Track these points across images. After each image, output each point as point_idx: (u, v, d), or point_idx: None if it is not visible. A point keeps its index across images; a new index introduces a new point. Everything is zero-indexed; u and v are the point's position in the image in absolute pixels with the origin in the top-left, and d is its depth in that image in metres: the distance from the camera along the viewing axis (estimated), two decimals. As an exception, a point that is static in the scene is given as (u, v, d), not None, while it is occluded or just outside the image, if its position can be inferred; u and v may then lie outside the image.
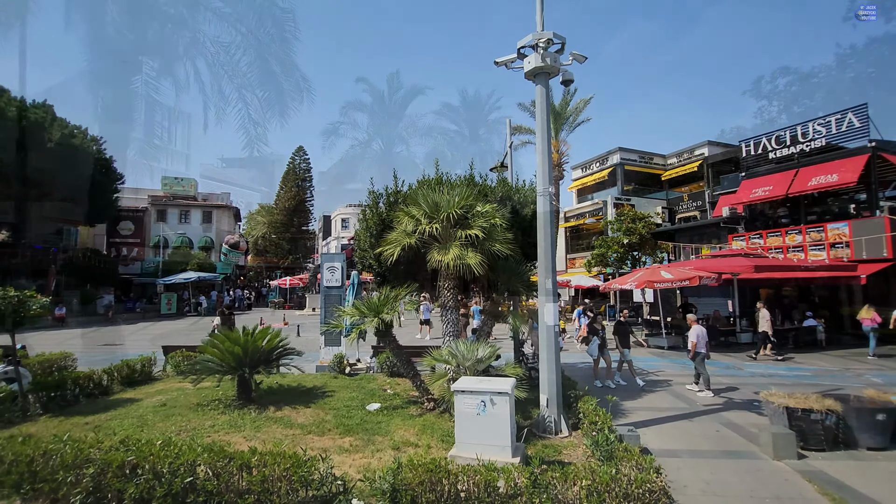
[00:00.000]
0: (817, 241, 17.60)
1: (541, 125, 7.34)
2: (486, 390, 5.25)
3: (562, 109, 24.07)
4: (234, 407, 7.80)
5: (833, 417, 6.18)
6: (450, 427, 6.50)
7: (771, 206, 21.54)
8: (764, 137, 20.92)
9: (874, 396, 6.56)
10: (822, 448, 6.10)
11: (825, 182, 17.45)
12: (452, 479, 3.85)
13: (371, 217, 10.06)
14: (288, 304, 37.33)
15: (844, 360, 13.14)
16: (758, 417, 7.56)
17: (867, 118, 17.28)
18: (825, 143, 18.66)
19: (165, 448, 4.31)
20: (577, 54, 7.31)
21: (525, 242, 9.54)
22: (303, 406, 7.92)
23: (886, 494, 4.89)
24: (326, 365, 11.22)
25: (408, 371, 8.17)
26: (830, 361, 13.04)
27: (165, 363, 11.36)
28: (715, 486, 5.14)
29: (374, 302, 8.17)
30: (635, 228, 24.57)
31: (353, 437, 6.43)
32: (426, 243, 8.13)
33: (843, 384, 9.93)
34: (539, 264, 7.21)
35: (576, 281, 27.16)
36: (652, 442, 6.51)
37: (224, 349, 8.12)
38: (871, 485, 5.12)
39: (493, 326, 8.94)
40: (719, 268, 15.46)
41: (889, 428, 6.19)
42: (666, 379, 10.94)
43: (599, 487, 3.71)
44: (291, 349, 9.31)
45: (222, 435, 6.47)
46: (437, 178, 9.87)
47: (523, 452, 5.44)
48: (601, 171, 34.61)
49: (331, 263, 12.10)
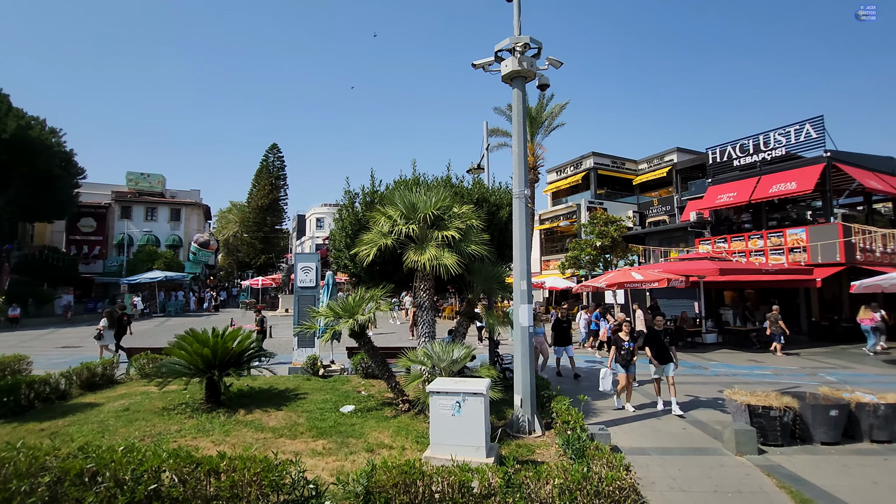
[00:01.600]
0: (777, 246, 18.43)
1: (517, 128, 7.43)
2: (461, 391, 5.27)
3: (537, 113, 24.41)
4: (203, 411, 7.57)
5: (791, 414, 6.48)
6: (425, 428, 6.49)
7: (735, 211, 22.44)
8: (729, 146, 21.78)
9: (828, 394, 6.92)
10: (780, 443, 6.39)
11: (785, 189, 18.30)
12: (427, 480, 3.85)
13: (347, 217, 9.95)
14: (260, 305, 36.50)
15: (800, 360, 13.80)
16: (722, 415, 7.85)
17: (823, 129, 18.23)
18: (785, 153, 19.57)
19: (128, 454, 4.13)
20: (554, 59, 7.44)
21: (501, 244, 9.63)
22: (274, 409, 7.75)
23: (837, 485, 5.16)
24: (299, 367, 11.02)
25: (383, 372, 8.11)
26: (788, 361, 13.66)
27: (129, 366, 10.91)
28: (681, 481, 5.31)
29: (349, 303, 8.08)
30: (607, 231, 25.16)
31: (327, 439, 6.33)
32: (402, 244, 8.11)
33: (799, 382, 10.42)
34: (514, 266, 7.29)
35: (550, 282, 27.56)
36: (622, 440, 6.67)
37: (192, 351, 7.87)
38: (824, 477, 5.40)
39: (468, 327, 8.98)
40: (686, 270, 16.00)
41: (841, 423, 6.54)
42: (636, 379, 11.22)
43: (571, 486, 3.77)
44: (263, 351, 9.11)
45: (189, 440, 6.27)
46: (414, 178, 9.85)
47: (497, 452, 5.48)
48: (575, 174, 35.29)
49: (305, 263, 11.90)
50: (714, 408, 8.41)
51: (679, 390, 9.84)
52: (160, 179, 40.31)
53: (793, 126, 19.24)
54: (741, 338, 16.60)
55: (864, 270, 15.72)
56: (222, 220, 59.79)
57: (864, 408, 6.57)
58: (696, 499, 4.89)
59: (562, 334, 11.41)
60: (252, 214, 53.08)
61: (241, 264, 55.65)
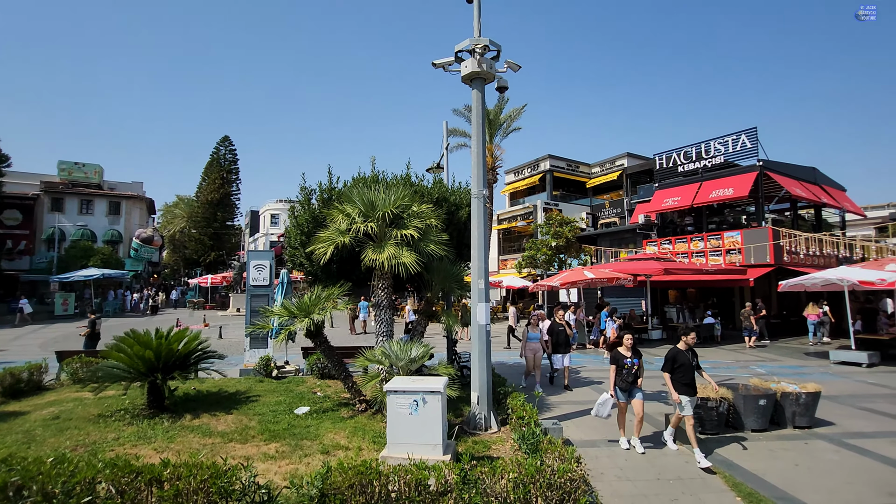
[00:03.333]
0: (716, 248, 19.72)
1: (476, 129, 7.52)
2: (418, 390, 5.28)
3: (496, 116, 24.77)
4: (144, 417, 7.15)
5: (725, 404, 6.98)
6: (382, 428, 6.45)
7: (679, 214, 23.78)
8: (674, 152, 23.05)
9: (758, 385, 7.50)
10: (716, 432, 6.86)
11: (723, 195, 19.60)
12: (383, 479, 3.83)
13: (303, 214, 9.71)
14: (209, 305, 34.84)
15: (735, 354, 14.86)
16: (666, 406, 8.32)
17: (756, 139, 19.68)
18: (724, 161, 20.96)
19: (58, 465, 3.84)
20: (512, 63, 7.59)
21: (460, 243, 9.72)
22: (224, 412, 7.44)
23: (765, 469, 5.61)
24: (251, 368, 10.63)
25: (339, 372, 7.98)
26: (725, 354, 14.67)
27: (60, 371, 10.11)
28: (628, 471, 5.59)
29: (304, 302, 7.88)
30: (562, 232, 25.96)
31: (280, 442, 6.16)
32: (361, 242, 8.01)
33: (734, 375, 11.21)
34: (472, 265, 7.38)
35: (507, 281, 28.09)
36: (574, 434, 6.92)
37: (133, 353, 7.41)
38: (753, 461, 5.86)
39: (426, 326, 9.00)
40: (634, 270, 16.80)
41: (769, 412, 7.11)
42: (588, 375, 11.68)
43: (525, 479, 3.88)
44: (212, 352, 8.72)
45: (129, 448, 5.90)
46: (373, 175, 9.75)
47: (454, 450, 5.54)
48: (532, 176, 36.13)
49: (258, 261, 11.48)
50: (659, 400, 8.89)
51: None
52: (97, 170, 37.45)
53: (730, 136, 20.64)
54: (683, 334, 17.63)
55: (790, 271, 17.13)
56: (168, 215, 56.46)
57: (787, 397, 7.17)
58: (640, 487, 5.16)
59: (559, 340, 10.21)
60: (201, 209, 50.43)
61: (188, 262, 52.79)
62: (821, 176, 22.45)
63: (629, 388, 6.44)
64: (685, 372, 6.20)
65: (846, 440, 6.63)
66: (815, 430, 7.03)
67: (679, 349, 6.36)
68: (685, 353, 6.31)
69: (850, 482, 5.25)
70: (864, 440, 6.63)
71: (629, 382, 6.43)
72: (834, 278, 13.08)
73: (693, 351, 6.40)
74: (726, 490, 5.08)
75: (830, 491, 5.03)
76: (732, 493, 4.98)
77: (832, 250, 19.70)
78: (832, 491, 5.03)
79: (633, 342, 6.64)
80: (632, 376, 6.42)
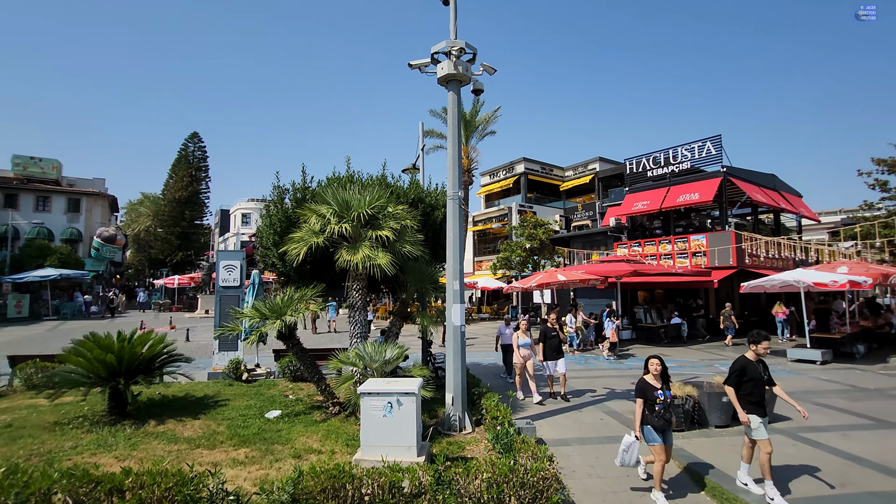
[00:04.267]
0: (682, 251, 20.41)
1: (452, 131, 7.55)
2: (393, 391, 5.25)
3: (471, 118, 24.94)
4: (105, 424, 6.85)
5: (691, 402, 7.23)
6: (355, 431, 6.38)
7: (648, 218, 24.49)
8: (644, 158, 23.73)
9: (721, 382, 7.79)
10: (683, 428, 7.09)
11: (689, 200, 20.30)
12: (357, 483, 3.80)
13: (276, 213, 9.51)
14: (176, 306, 33.67)
15: (701, 353, 15.41)
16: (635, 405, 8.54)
17: (720, 147, 20.49)
18: (690, 166, 21.72)
19: (10, 475, 3.64)
20: (487, 66, 7.66)
21: (435, 244, 9.73)
22: (191, 418, 7.21)
23: (727, 463, 5.84)
24: (220, 371, 10.34)
25: (312, 375, 7.85)
26: (691, 353, 15.19)
27: (12, 376, 9.57)
28: (598, 468, 5.71)
29: (276, 303, 7.72)
30: (536, 234, 26.32)
31: (250, 447, 6.01)
32: (335, 243, 7.91)
33: (699, 373, 11.62)
34: (448, 266, 7.40)
35: (482, 283, 28.27)
36: (547, 433, 7.03)
37: (93, 357, 7.08)
38: (716, 456, 6.09)
39: (401, 327, 8.96)
40: (605, 272, 17.21)
41: (731, 409, 7.39)
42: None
43: (499, 479, 3.92)
44: (178, 355, 8.43)
45: (88, 457, 5.64)
46: (348, 175, 9.64)
47: (429, 451, 5.54)
48: (507, 178, 36.53)
49: (228, 262, 11.18)
50: (628, 399, 9.12)
51: (598, 383, 10.59)
52: (55, 165, 35.63)
53: (696, 143, 21.41)
54: (652, 334, 18.16)
55: (752, 273, 17.89)
56: (132, 213, 54.25)
57: (749, 393, 7.47)
58: (610, 484, 5.29)
59: (552, 346, 9.31)
60: (168, 207, 48.62)
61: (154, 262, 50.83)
62: (779, 182, 23.56)
63: (664, 428, 4.94)
64: (755, 387, 5.11)
65: (802, 434, 6.98)
66: (773, 426, 7.36)
67: (748, 360, 5.32)
68: (755, 365, 5.28)
69: (805, 474, 5.53)
70: (819, 434, 6.99)
71: (665, 420, 4.93)
72: (791, 280, 13.77)
73: (764, 363, 5.39)
74: (691, 484, 5.26)
75: (789, 483, 5.28)
76: (697, 488, 5.17)
77: (790, 253, 20.70)
78: (791, 483, 5.28)
79: (661, 367, 5.19)
80: (669, 412, 4.99)
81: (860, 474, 5.53)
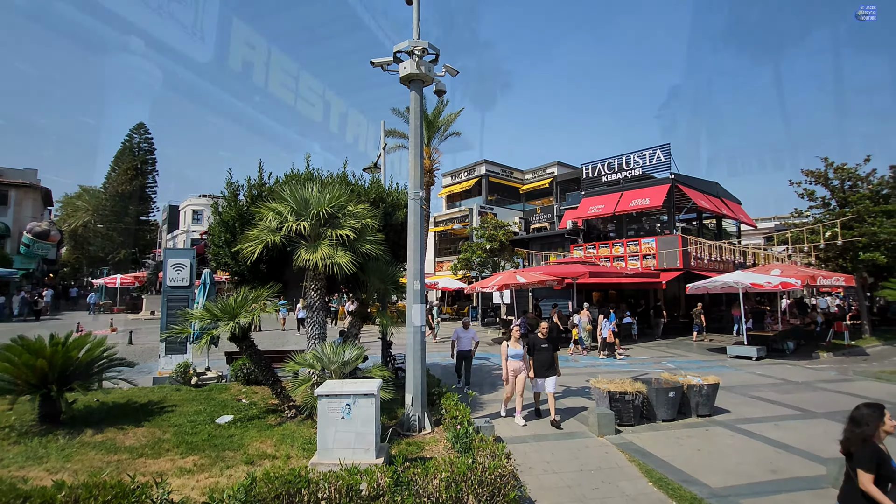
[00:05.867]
0: (634, 253, 21.35)
1: (414, 131, 7.53)
2: (351, 393, 5.17)
3: (434, 118, 24.97)
4: (34, 434, 6.33)
5: (640, 397, 7.57)
6: (312, 434, 6.24)
7: (603, 221, 25.45)
8: (599, 163, 24.63)
9: (668, 378, 8.22)
10: (633, 423, 7.42)
11: (641, 204, 21.27)
12: (313, 487, 3.71)
13: (228, 211, 9.14)
14: (117, 307, 31.60)
15: (650, 350, 16.17)
16: (588, 401, 8.84)
17: (669, 154, 21.62)
18: (642, 172, 22.77)
19: (-79, 496, 3.30)
20: (450, 67, 7.70)
21: (396, 244, 9.66)
22: (133, 425, 6.79)
23: (673, 455, 6.17)
24: (167, 376, 9.80)
25: (267, 377, 7.60)
26: (641, 351, 15.91)
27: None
28: (554, 464, 5.87)
29: (229, 304, 7.42)
30: (496, 236, 26.68)
31: (199, 455, 5.74)
32: (293, 241, 7.70)
33: (648, 370, 12.19)
34: (408, 266, 7.38)
35: (443, 283, 28.35)
36: (505, 431, 7.15)
37: (20, 363, 6.53)
38: (663, 449, 6.41)
39: (361, 328, 8.84)
40: (562, 273, 17.72)
41: (677, 403, 7.82)
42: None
43: (457, 478, 3.95)
44: (120, 359, 7.93)
45: (14, 470, 5.20)
46: (307, 173, 9.42)
47: (388, 452, 5.49)
48: (469, 180, 36.85)
49: (177, 260, 10.62)
50: (582, 395, 9.43)
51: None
52: (-22, 153, 32.57)
53: (647, 150, 22.49)
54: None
55: (696, 275, 18.98)
56: (69, 207, 50.31)
57: (692, 389, 7.94)
58: (565, 478, 5.45)
59: (541, 361, 7.74)
60: (110, 202, 45.46)
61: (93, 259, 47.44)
62: (721, 190, 25.12)
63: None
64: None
65: (739, 426, 7.47)
66: (714, 418, 7.85)
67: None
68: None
69: (741, 462, 5.93)
70: (754, 425, 7.51)
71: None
72: (731, 281, 14.75)
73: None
74: (640, 476, 5.51)
75: (726, 471, 5.65)
76: (645, 480, 5.42)
77: (730, 257, 22.10)
78: (727, 471, 5.65)
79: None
80: None
81: (789, 461, 5.99)
